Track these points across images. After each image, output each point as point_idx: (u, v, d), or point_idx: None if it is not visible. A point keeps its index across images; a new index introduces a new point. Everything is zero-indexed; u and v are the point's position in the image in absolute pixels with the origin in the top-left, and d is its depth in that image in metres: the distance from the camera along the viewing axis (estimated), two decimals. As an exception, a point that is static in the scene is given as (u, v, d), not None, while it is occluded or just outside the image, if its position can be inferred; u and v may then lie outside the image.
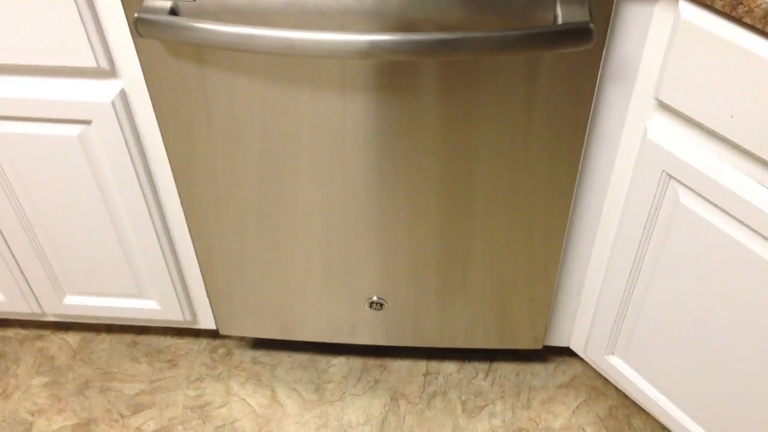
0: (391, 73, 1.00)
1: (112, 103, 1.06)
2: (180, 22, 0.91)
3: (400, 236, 1.23)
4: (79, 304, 1.44)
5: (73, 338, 1.62)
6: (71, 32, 0.98)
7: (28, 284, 1.41)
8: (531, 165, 1.11)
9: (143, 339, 1.61)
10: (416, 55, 0.90)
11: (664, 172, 1.03)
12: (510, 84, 1.01)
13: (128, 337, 1.62)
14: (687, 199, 1.02)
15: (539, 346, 1.45)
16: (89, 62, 1.01)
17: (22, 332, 1.63)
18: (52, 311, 1.46)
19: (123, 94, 1.07)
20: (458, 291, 1.34)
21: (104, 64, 1.02)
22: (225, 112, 1.06)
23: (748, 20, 0.80)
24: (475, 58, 0.98)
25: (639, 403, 1.34)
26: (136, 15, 0.92)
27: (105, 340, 1.61)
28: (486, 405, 1.49)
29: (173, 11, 0.94)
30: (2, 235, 1.30)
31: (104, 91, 1.06)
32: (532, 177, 1.13)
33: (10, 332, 1.62)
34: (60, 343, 1.61)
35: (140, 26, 0.93)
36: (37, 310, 1.46)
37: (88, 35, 0.98)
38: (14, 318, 1.58)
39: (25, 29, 0.98)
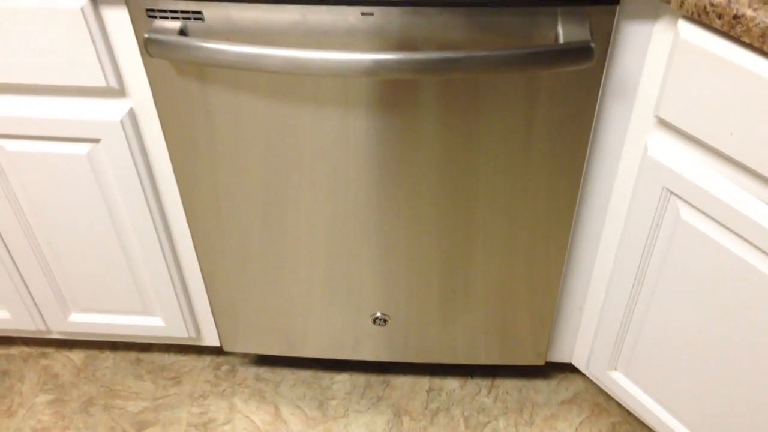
0: (392, 91, 1.02)
1: (121, 122, 1.08)
2: (189, 42, 0.93)
3: (403, 252, 1.25)
4: (84, 321, 1.45)
5: (77, 356, 1.62)
6: (82, 52, 1.00)
7: (34, 301, 1.42)
8: (533, 182, 1.13)
9: (147, 356, 1.62)
10: (421, 73, 0.92)
11: (664, 188, 1.04)
12: (512, 102, 1.02)
13: (132, 355, 1.62)
14: (688, 215, 1.03)
15: (542, 362, 1.46)
16: (99, 82, 1.03)
17: (27, 350, 1.63)
18: (57, 329, 1.47)
19: (132, 113, 1.09)
20: (461, 307, 1.35)
21: (114, 83, 1.04)
22: (230, 130, 1.08)
23: (746, 39, 0.82)
24: (478, 77, 1.00)
25: (642, 419, 1.35)
26: (146, 36, 0.94)
27: (109, 358, 1.62)
28: (489, 421, 1.49)
29: (182, 32, 0.96)
30: (9, 252, 1.32)
31: (113, 110, 1.08)
32: (533, 194, 1.14)
33: (15, 350, 1.63)
34: (64, 361, 1.61)
35: (150, 46, 0.94)
36: (42, 327, 1.47)
37: (98, 55, 1.00)
38: (19, 335, 1.59)
39: (38, 49, 1.00)
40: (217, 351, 1.62)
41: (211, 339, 1.50)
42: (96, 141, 1.12)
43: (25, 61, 1.02)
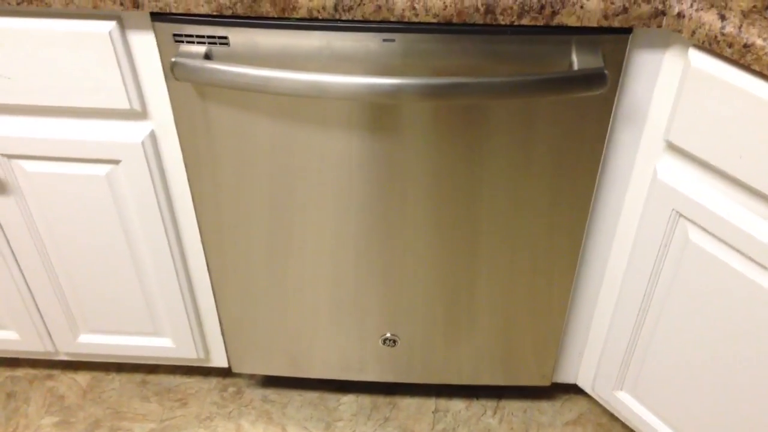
0: (403, 116, 1.04)
1: (142, 144, 1.10)
2: (217, 66, 0.95)
3: (411, 273, 1.27)
4: (93, 342, 1.45)
5: (83, 378, 1.62)
6: (108, 75, 1.02)
7: (44, 322, 1.42)
8: (541, 207, 1.15)
9: (153, 378, 1.62)
10: (441, 98, 0.95)
11: (673, 211, 1.07)
12: (523, 127, 1.06)
13: (138, 377, 1.63)
14: (696, 237, 1.06)
15: (547, 383, 1.48)
16: (123, 104, 1.05)
17: (32, 372, 1.63)
18: (65, 350, 1.48)
19: (152, 135, 1.11)
20: (468, 328, 1.37)
21: (137, 105, 1.06)
22: (248, 152, 1.10)
23: (756, 67, 0.86)
24: (488, 102, 1.03)
25: (647, 439, 1.37)
26: (173, 60, 0.96)
27: (115, 380, 1.62)
28: (495, 442, 1.51)
29: (207, 56, 0.99)
30: (22, 272, 1.33)
31: (135, 132, 1.10)
32: (542, 217, 1.17)
33: (20, 372, 1.63)
34: (70, 383, 1.61)
35: (177, 70, 0.97)
36: (50, 348, 1.48)
37: (123, 78, 1.02)
38: (24, 357, 1.59)
39: (64, 72, 1.02)
40: (223, 373, 1.63)
41: (219, 360, 1.51)
42: (116, 162, 1.13)
43: (50, 83, 1.04)
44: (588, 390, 1.47)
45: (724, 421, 1.18)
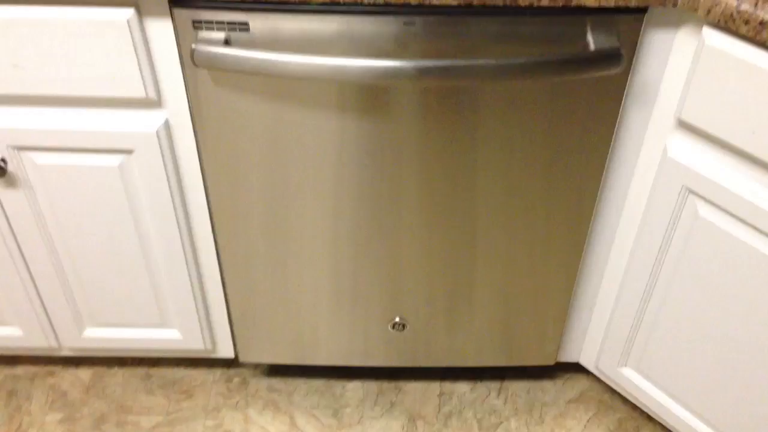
0: (419, 99, 1.05)
1: (157, 133, 1.09)
2: (239, 52, 0.95)
3: (414, 258, 1.28)
4: (98, 336, 1.44)
5: (84, 373, 1.61)
6: (125, 64, 1.01)
7: (48, 317, 1.41)
8: (552, 185, 1.17)
9: (157, 371, 1.61)
10: (464, 79, 0.96)
11: (683, 187, 1.10)
12: (536, 107, 1.07)
13: (141, 370, 1.62)
14: (706, 212, 1.09)
15: (552, 362, 1.50)
16: (139, 93, 1.05)
17: (32, 369, 1.61)
18: (68, 345, 1.46)
19: (167, 124, 1.10)
20: (473, 310, 1.38)
21: (152, 94, 1.06)
22: (264, 139, 1.11)
23: (772, 43, 0.89)
24: (505, 84, 1.04)
25: (651, 413, 1.40)
26: (193, 46, 0.96)
27: (118, 374, 1.61)
28: (501, 422, 1.53)
29: (226, 42, 0.99)
30: (27, 266, 1.31)
31: (149, 121, 1.09)
32: (552, 197, 1.19)
33: (20, 370, 1.61)
34: (72, 379, 1.60)
35: (197, 57, 0.97)
36: (54, 344, 1.46)
37: (140, 66, 1.02)
38: (26, 354, 1.57)
39: (79, 60, 1.01)
40: (227, 364, 1.63)
41: (225, 351, 1.51)
42: (129, 152, 1.13)
43: (64, 72, 1.03)
44: (591, 368, 1.50)
45: (730, 394, 1.21)
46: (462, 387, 1.60)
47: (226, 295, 1.38)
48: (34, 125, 1.10)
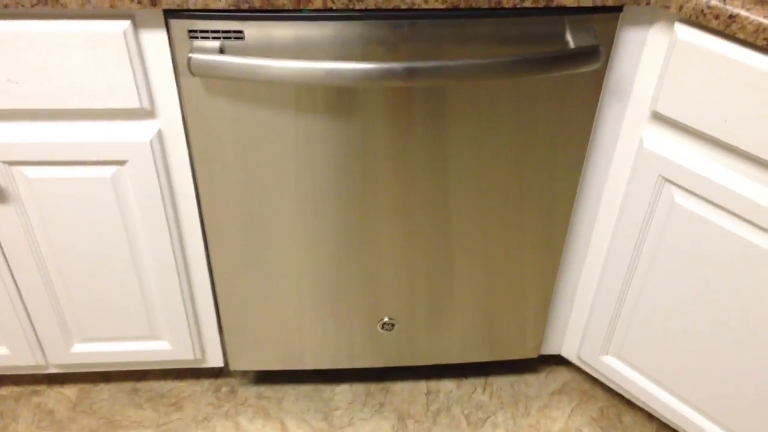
0: (402, 100, 1.09)
1: (150, 143, 1.11)
2: (235, 60, 0.98)
3: (400, 258, 1.32)
4: (86, 351, 1.44)
5: (70, 391, 1.60)
6: (120, 75, 1.03)
7: (36, 334, 1.40)
8: (532, 180, 1.22)
9: (144, 385, 1.61)
10: (453, 79, 1.01)
11: (659, 176, 1.16)
12: (516, 105, 1.12)
13: (128, 385, 1.61)
14: (681, 199, 1.15)
15: (535, 355, 1.55)
16: (133, 103, 1.06)
17: (16, 389, 1.60)
18: (56, 362, 1.46)
19: (160, 134, 1.12)
20: (457, 307, 1.42)
21: (146, 104, 1.07)
22: (255, 146, 1.13)
23: (741, 35, 0.95)
24: (484, 83, 1.09)
25: (634, 398, 1.46)
26: (190, 55, 0.98)
27: (104, 390, 1.60)
28: (488, 417, 1.57)
29: (221, 50, 1.01)
30: (16, 283, 1.31)
31: (142, 131, 1.11)
32: (532, 193, 1.24)
33: (4, 390, 1.59)
34: (57, 397, 1.59)
35: (193, 66, 0.99)
36: (41, 361, 1.45)
37: (135, 77, 1.04)
38: (10, 373, 1.55)
39: (75, 72, 1.03)
40: (215, 374, 1.63)
41: (214, 360, 1.52)
42: (122, 163, 1.14)
43: (59, 85, 1.04)
44: (572, 359, 1.55)
45: (711, 376, 1.27)
46: (448, 384, 1.63)
47: (216, 303, 1.39)
48: (26, 139, 1.10)
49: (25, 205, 1.19)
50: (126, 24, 0.99)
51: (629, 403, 1.59)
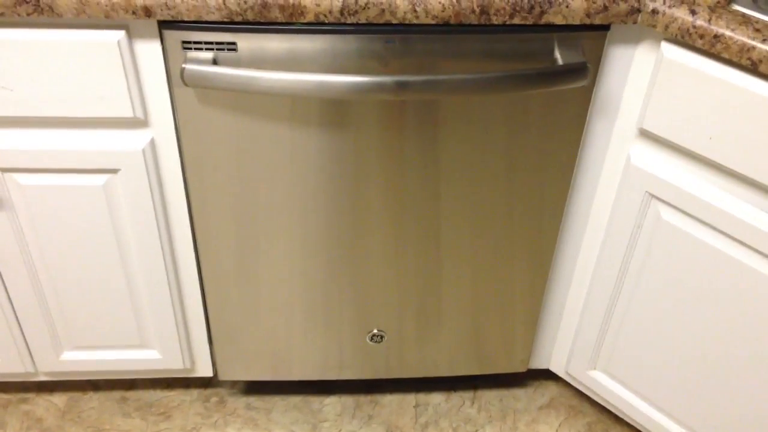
0: (395, 114, 1.11)
1: (143, 152, 1.12)
2: (228, 71, 0.99)
3: (390, 270, 1.32)
4: (76, 359, 1.44)
5: (59, 399, 1.60)
6: (113, 84, 1.04)
7: (26, 341, 1.40)
8: (521, 196, 1.23)
9: (133, 394, 1.62)
10: (444, 93, 1.02)
11: (646, 193, 1.17)
12: (505, 121, 1.14)
13: (117, 394, 1.62)
14: (668, 215, 1.16)
15: (524, 369, 1.56)
16: (126, 113, 1.07)
17: (5, 396, 1.60)
18: (45, 369, 1.46)
19: (152, 143, 1.13)
20: (446, 320, 1.43)
21: (140, 114, 1.09)
22: (246, 156, 1.14)
23: (725, 55, 0.96)
24: (473, 98, 1.11)
25: (621, 414, 1.46)
26: (184, 66, 1.00)
27: (93, 399, 1.60)
28: (476, 430, 1.57)
29: (214, 62, 1.03)
30: (6, 291, 1.31)
31: (135, 140, 1.12)
32: (521, 208, 1.25)
33: (-8, 398, 1.60)
34: (46, 405, 1.59)
35: (187, 76, 1.00)
36: (30, 369, 1.46)
37: (129, 87, 1.05)
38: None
39: (69, 81, 1.04)
40: (204, 384, 1.64)
41: (203, 370, 1.52)
42: (114, 172, 1.15)
43: (53, 93, 1.05)
44: (561, 373, 1.55)
45: (698, 392, 1.28)
46: (437, 398, 1.64)
47: (206, 313, 1.40)
48: (19, 146, 1.11)
49: (17, 211, 1.19)
50: (120, 34, 1.00)
51: (617, 419, 1.60)
